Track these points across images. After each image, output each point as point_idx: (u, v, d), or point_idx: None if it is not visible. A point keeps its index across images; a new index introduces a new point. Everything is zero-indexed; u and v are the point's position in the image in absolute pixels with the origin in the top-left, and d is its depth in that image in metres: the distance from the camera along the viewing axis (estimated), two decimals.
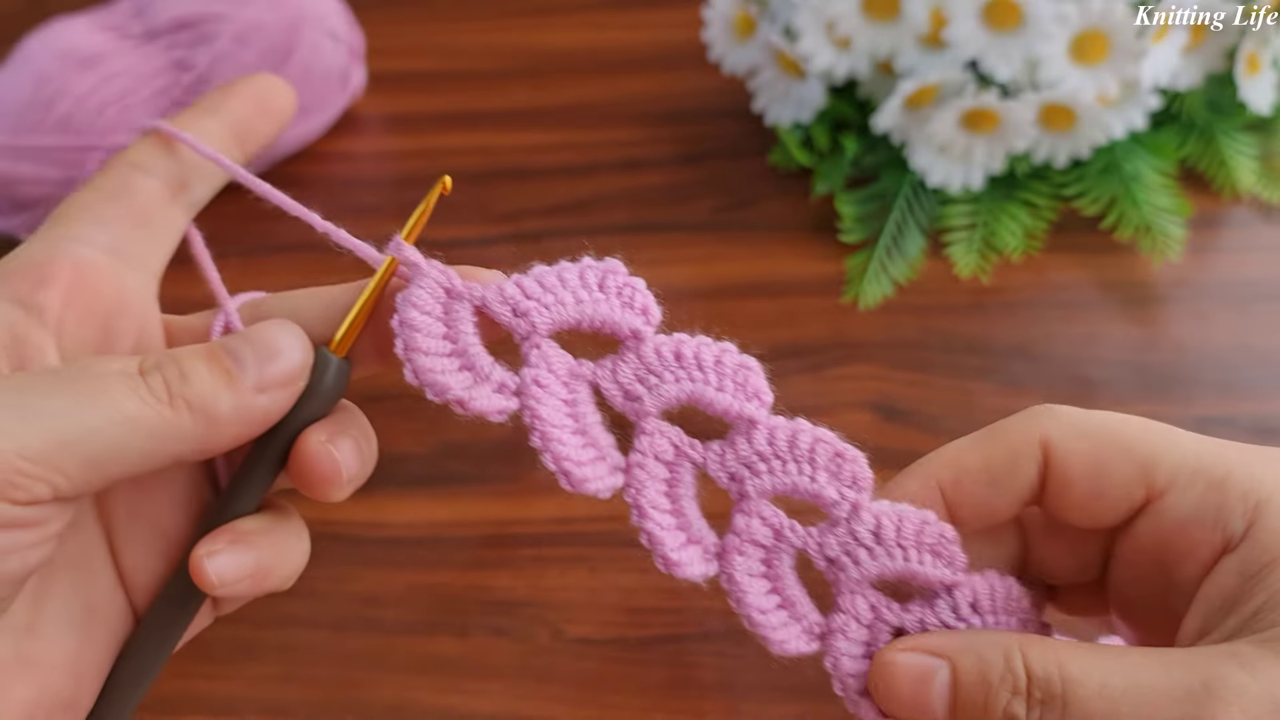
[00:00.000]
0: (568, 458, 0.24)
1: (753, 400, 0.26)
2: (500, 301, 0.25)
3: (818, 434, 0.26)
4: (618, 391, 0.25)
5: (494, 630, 0.41)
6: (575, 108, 0.61)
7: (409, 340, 0.24)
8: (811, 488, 0.25)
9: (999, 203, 0.52)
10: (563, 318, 0.25)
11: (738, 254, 0.53)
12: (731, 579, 0.25)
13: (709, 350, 0.26)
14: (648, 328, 0.26)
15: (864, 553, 0.25)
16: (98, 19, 0.57)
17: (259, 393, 0.22)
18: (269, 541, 0.24)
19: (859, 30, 0.50)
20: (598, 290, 0.26)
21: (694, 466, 0.26)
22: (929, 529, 0.25)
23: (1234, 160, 0.52)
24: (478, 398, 0.24)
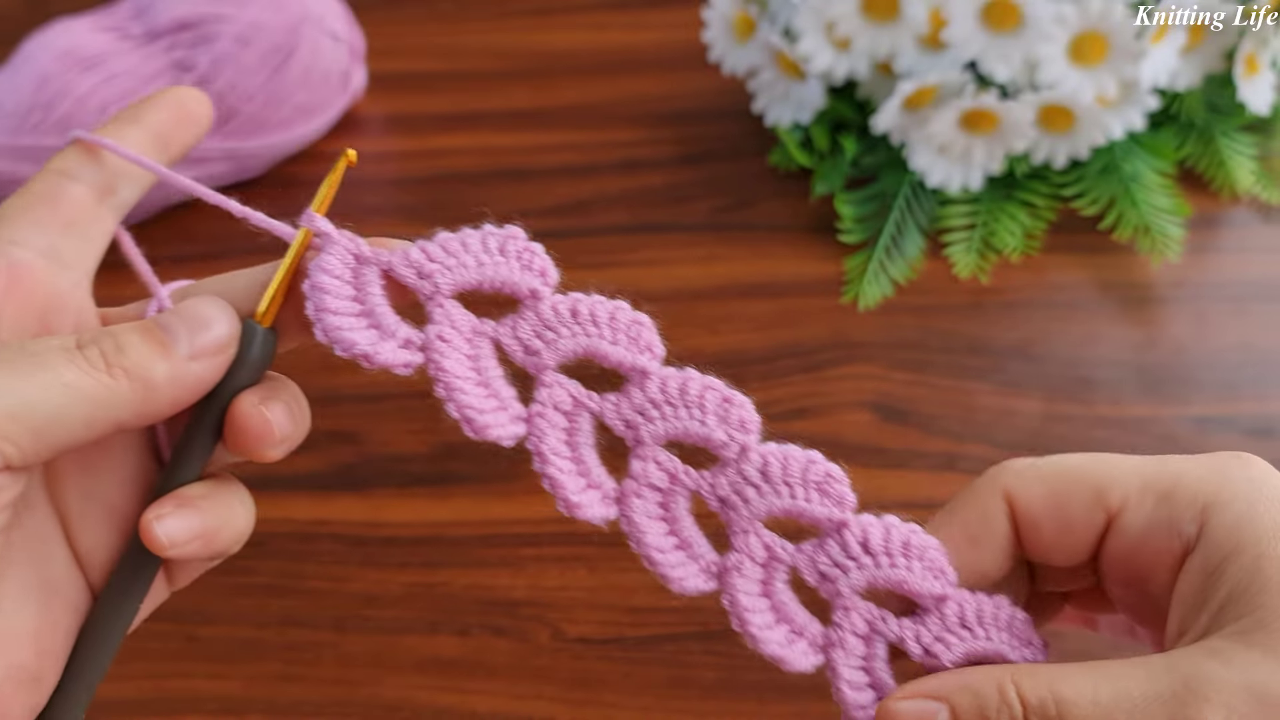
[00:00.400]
0: (469, 405, 0.26)
1: (645, 352, 0.27)
2: (405, 265, 0.26)
3: (706, 381, 0.27)
4: (518, 347, 0.27)
5: (493, 630, 0.41)
6: (575, 108, 0.61)
7: (318, 301, 0.25)
8: (701, 431, 0.27)
9: (998, 203, 0.52)
10: (464, 279, 0.27)
11: (738, 254, 0.53)
12: (630, 520, 0.27)
13: (603, 307, 0.28)
14: (545, 288, 0.28)
15: (752, 491, 0.27)
16: (99, 20, 0.57)
17: (192, 360, 0.24)
18: (213, 504, 0.26)
19: (858, 31, 0.50)
20: (498, 254, 0.27)
21: (592, 416, 0.27)
22: (815, 467, 0.27)
23: (1232, 161, 0.52)
24: (383, 351, 0.26)
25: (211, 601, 0.43)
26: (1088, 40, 0.48)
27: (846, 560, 0.27)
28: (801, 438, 0.46)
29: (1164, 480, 0.25)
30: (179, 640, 0.42)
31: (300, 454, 0.48)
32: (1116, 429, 0.45)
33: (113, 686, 0.41)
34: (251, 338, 0.25)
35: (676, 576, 0.27)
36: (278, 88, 0.56)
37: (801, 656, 0.27)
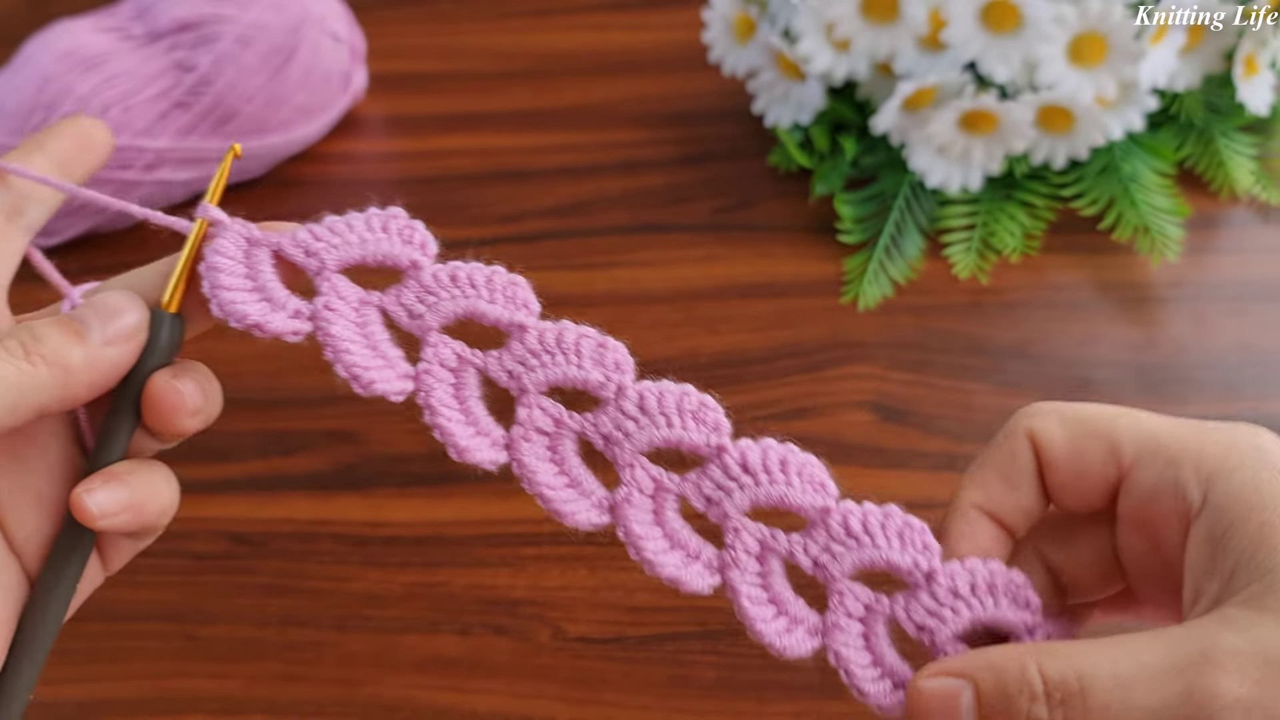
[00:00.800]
0: (356, 364, 0.28)
1: (521, 309, 0.29)
2: (294, 245, 0.28)
3: (581, 330, 0.29)
4: (402, 312, 0.29)
5: (494, 629, 0.41)
6: (576, 109, 0.61)
7: (212, 280, 0.28)
8: (579, 375, 0.29)
9: (997, 203, 0.52)
10: (349, 255, 0.29)
11: (738, 254, 0.53)
12: (521, 463, 0.28)
13: (480, 272, 0.30)
14: (425, 258, 0.29)
15: (632, 425, 0.28)
16: (100, 20, 0.57)
17: (106, 346, 0.26)
18: (139, 479, 0.27)
19: (858, 32, 0.51)
20: (380, 231, 0.29)
21: (477, 371, 0.29)
22: (688, 398, 0.29)
23: (1232, 161, 0.53)
24: (273, 321, 0.28)
25: (212, 601, 0.43)
26: (1087, 41, 0.49)
27: (728, 482, 0.28)
28: (801, 438, 0.46)
29: (1174, 444, 0.26)
30: (180, 640, 0.42)
31: (301, 454, 0.48)
32: None
33: (114, 686, 0.41)
34: (160, 323, 0.28)
35: (569, 511, 0.28)
36: (278, 88, 0.57)
37: (698, 577, 0.28)
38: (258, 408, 0.49)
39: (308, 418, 0.48)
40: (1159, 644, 0.23)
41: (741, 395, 0.47)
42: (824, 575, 0.28)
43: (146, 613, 0.43)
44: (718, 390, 0.49)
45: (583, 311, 0.52)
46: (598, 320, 0.52)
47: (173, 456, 0.48)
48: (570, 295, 0.52)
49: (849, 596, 0.28)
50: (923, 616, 0.27)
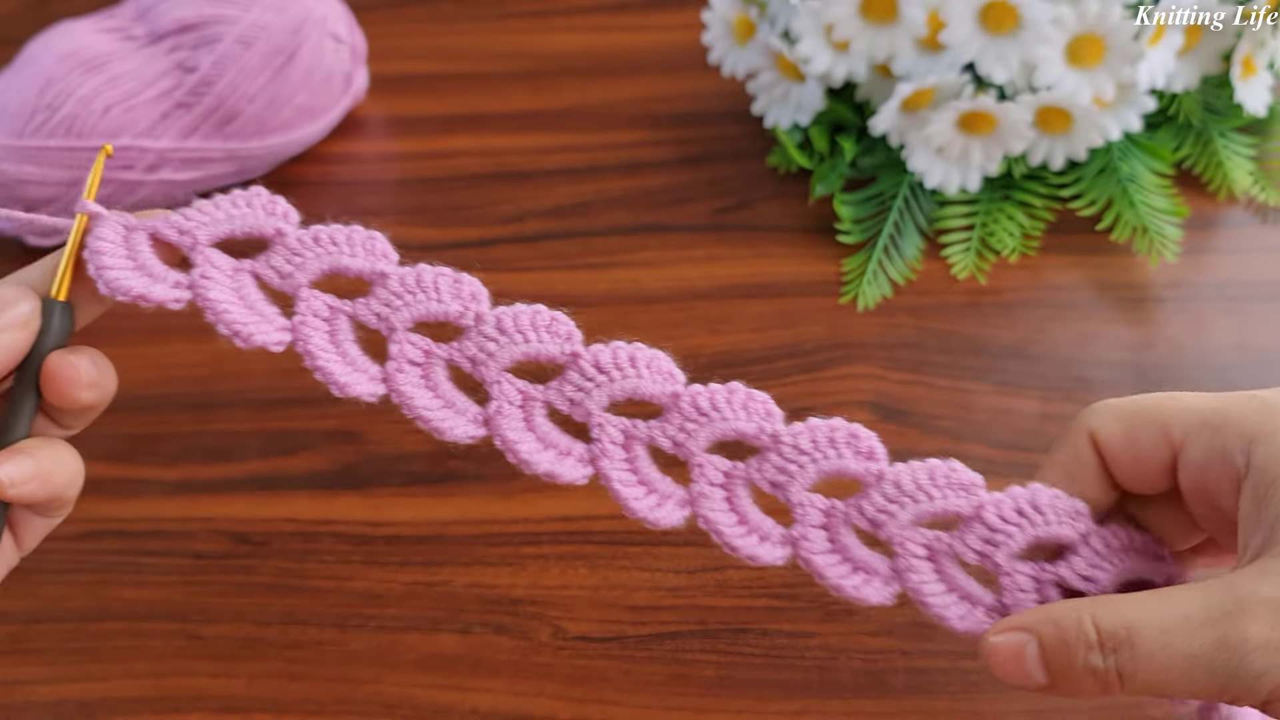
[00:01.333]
0: (235, 320, 0.31)
1: (381, 259, 0.32)
2: (167, 226, 0.31)
3: (437, 270, 0.32)
4: (273, 273, 0.32)
5: (495, 628, 0.41)
6: (576, 110, 0.61)
7: (96, 262, 0.30)
8: (440, 308, 0.32)
9: (996, 204, 0.53)
10: (218, 230, 0.32)
11: (737, 255, 0.53)
12: (398, 392, 0.31)
13: (340, 231, 0.32)
14: (289, 226, 0.32)
15: (493, 345, 0.31)
16: (101, 21, 0.57)
17: (1, 332, 0.29)
18: (45, 453, 0.30)
19: (857, 33, 0.51)
20: (245, 206, 0.32)
21: (348, 317, 0.32)
22: (540, 315, 0.32)
23: (1230, 162, 0.53)
24: (155, 291, 0.30)
25: (214, 600, 0.43)
26: (1085, 42, 0.49)
27: (586, 383, 0.31)
28: None
29: (1217, 416, 0.29)
30: (181, 639, 0.42)
31: (302, 453, 0.48)
32: None
33: (116, 685, 0.41)
34: (51, 311, 0.30)
35: (448, 428, 0.31)
36: (280, 89, 0.57)
37: (572, 469, 0.31)
38: (259, 407, 0.49)
39: (309, 417, 0.48)
40: (1200, 595, 0.26)
41: None
42: (684, 452, 0.31)
43: (148, 612, 0.43)
44: None
45: (583, 311, 0.53)
46: (598, 320, 0.52)
47: (175, 457, 0.48)
48: (571, 295, 0.52)
49: (708, 467, 0.31)
50: (774, 475, 0.31)
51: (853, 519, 0.31)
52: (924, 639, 0.40)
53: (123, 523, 0.46)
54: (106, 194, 0.55)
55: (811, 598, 0.41)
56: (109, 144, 0.33)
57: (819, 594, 0.41)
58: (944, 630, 0.40)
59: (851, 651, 0.40)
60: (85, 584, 0.44)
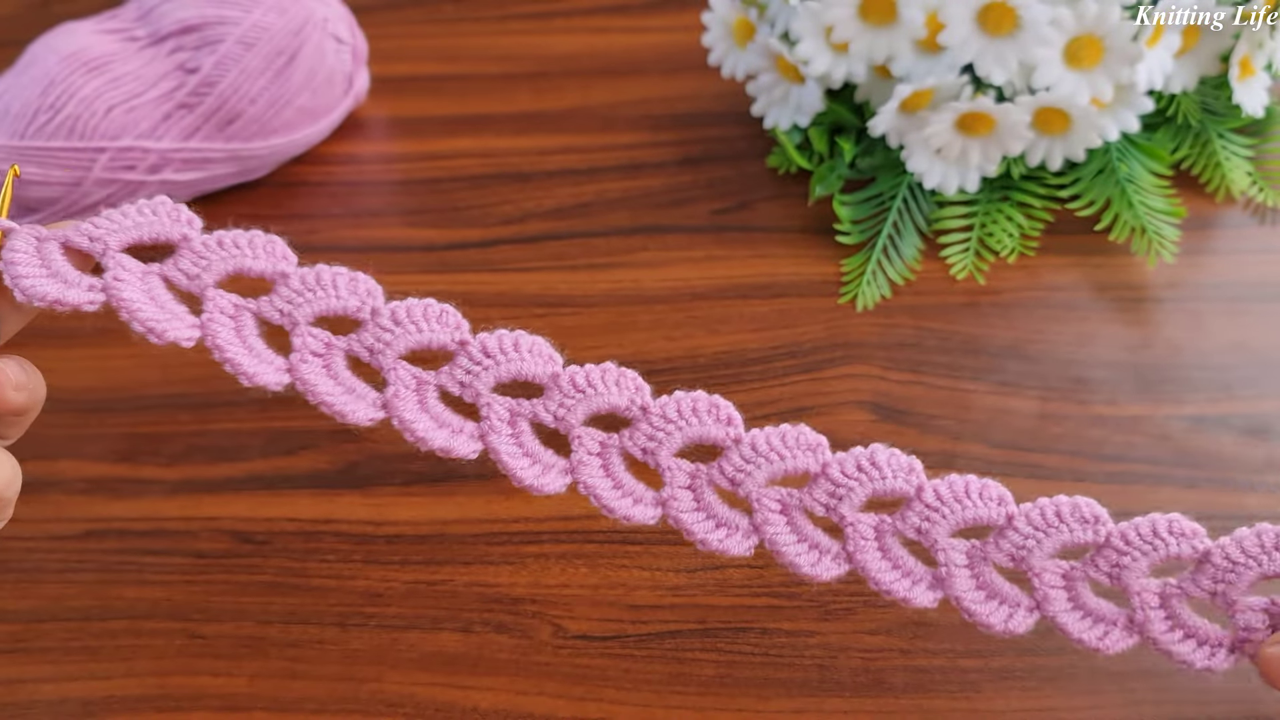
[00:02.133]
0: (149, 318, 0.32)
1: (282, 260, 0.34)
2: (78, 234, 0.33)
3: (335, 270, 0.34)
4: (180, 275, 0.34)
5: (495, 627, 0.42)
6: (577, 111, 0.62)
7: (10, 273, 0.31)
8: (339, 304, 0.34)
9: (995, 205, 0.53)
10: (127, 236, 0.33)
11: (737, 255, 0.53)
12: (302, 380, 0.33)
13: (242, 236, 0.34)
14: (193, 231, 0.34)
15: (389, 335, 0.34)
16: (103, 22, 0.58)
17: None
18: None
19: (856, 34, 0.51)
20: (151, 214, 0.34)
21: (252, 315, 0.34)
22: (430, 308, 0.34)
23: (1228, 162, 0.53)
24: (69, 295, 0.32)
25: (216, 599, 0.43)
26: (1083, 43, 0.49)
27: (475, 367, 0.34)
28: None
29: None
30: (183, 638, 0.43)
31: (304, 453, 0.48)
32: (1112, 428, 0.45)
33: (118, 684, 0.41)
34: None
35: (349, 411, 0.33)
36: (281, 90, 0.57)
37: (464, 444, 0.33)
38: (260, 407, 0.49)
39: (310, 417, 0.48)
40: None
41: (741, 395, 0.48)
42: (564, 426, 0.34)
43: (150, 611, 0.43)
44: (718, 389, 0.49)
45: (584, 312, 0.53)
46: (599, 321, 0.53)
47: (176, 456, 0.48)
48: (571, 296, 0.52)
49: (586, 439, 0.34)
50: (644, 442, 0.34)
51: (715, 480, 0.34)
52: (923, 638, 0.40)
53: (125, 522, 0.46)
54: (110, 194, 0.56)
55: (811, 597, 0.41)
56: (16, 165, 0.35)
57: (819, 593, 0.41)
58: (942, 629, 0.40)
59: (851, 650, 0.40)
60: (87, 583, 0.45)
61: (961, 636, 0.40)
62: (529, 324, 0.51)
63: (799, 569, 0.33)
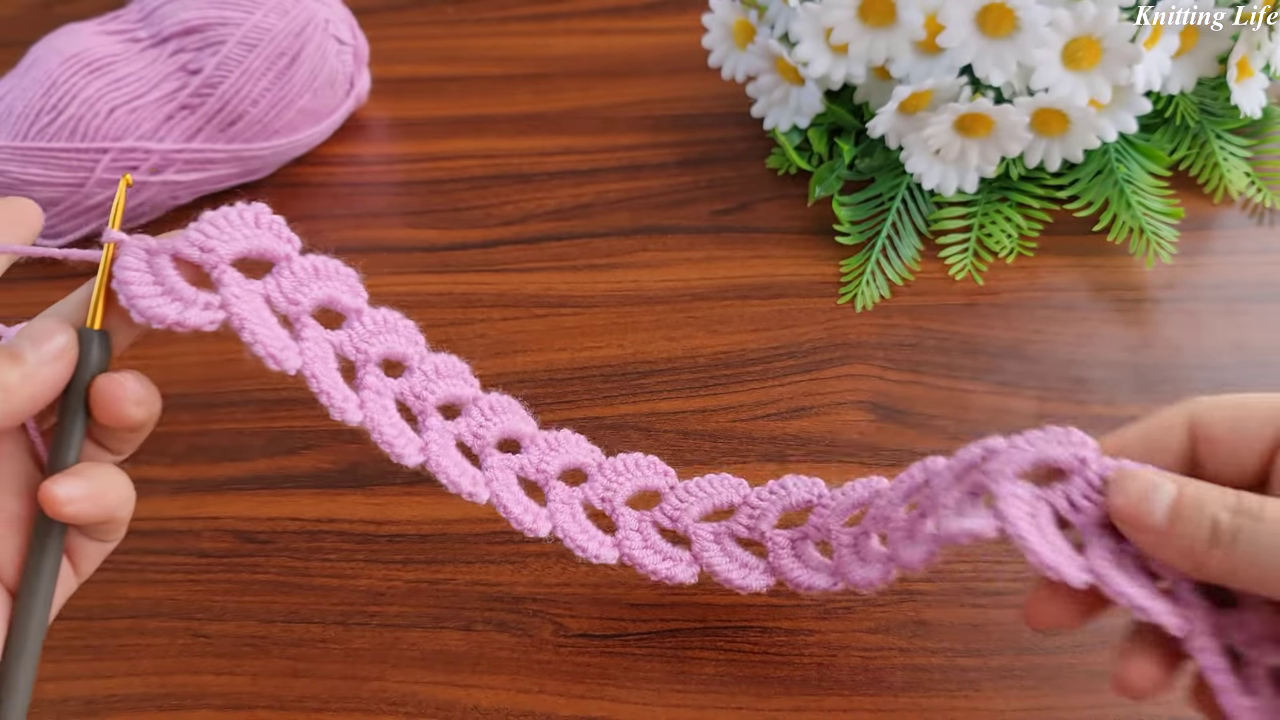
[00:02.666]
0: (270, 343, 0.32)
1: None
2: (189, 246, 0.32)
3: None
4: (281, 298, 0.34)
5: (497, 625, 0.42)
6: (577, 113, 0.62)
7: (126, 292, 0.31)
8: (397, 347, 0.37)
9: (993, 205, 0.53)
10: (236, 249, 0.32)
11: (736, 256, 0.54)
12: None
13: (330, 264, 0.35)
14: (295, 251, 0.34)
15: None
16: (106, 24, 0.58)
17: (40, 366, 0.29)
18: (96, 472, 0.31)
19: (856, 36, 0.51)
20: (255, 227, 0.33)
21: (332, 346, 0.35)
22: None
23: (1226, 163, 0.53)
24: (190, 316, 0.31)
25: (218, 599, 0.44)
26: (1082, 45, 0.49)
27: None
28: (799, 437, 0.47)
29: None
30: (186, 637, 0.43)
31: (306, 453, 0.49)
32: (1111, 428, 0.45)
33: (121, 682, 0.42)
34: (88, 340, 0.31)
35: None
36: (283, 92, 0.57)
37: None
38: (263, 407, 0.50)
39: (313, 417, 0.49)
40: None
41: (741, 395, 0.48)
42: (543, 478, 0.38)
43: (153, 610, 0.44)
44: (718, 389, 0.49)
45: (584, 312, 0.53)
46: (599, 321, 0.53)
47: (179, 456, 0.48)
48: (572, 296, 0.53)
49: (559, 489, 0.39)
50: (602, 493, 0.39)
51: (657, 520, 0.40)
52: (922, 637, 0.40)
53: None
54: (111, 195, 0.56)
55: (810, 596, 0.41)
56: (129, 175, 0.34)
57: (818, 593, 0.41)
58: (941, 629, 0.40)
59: (850, 649, 0.40)
60: (90, 582, 0.44)
61: (960, 636, 0.40)
62: (529, 324, 0.51)
63: (733, 583, 0.39)
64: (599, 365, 0.50)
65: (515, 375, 0.49)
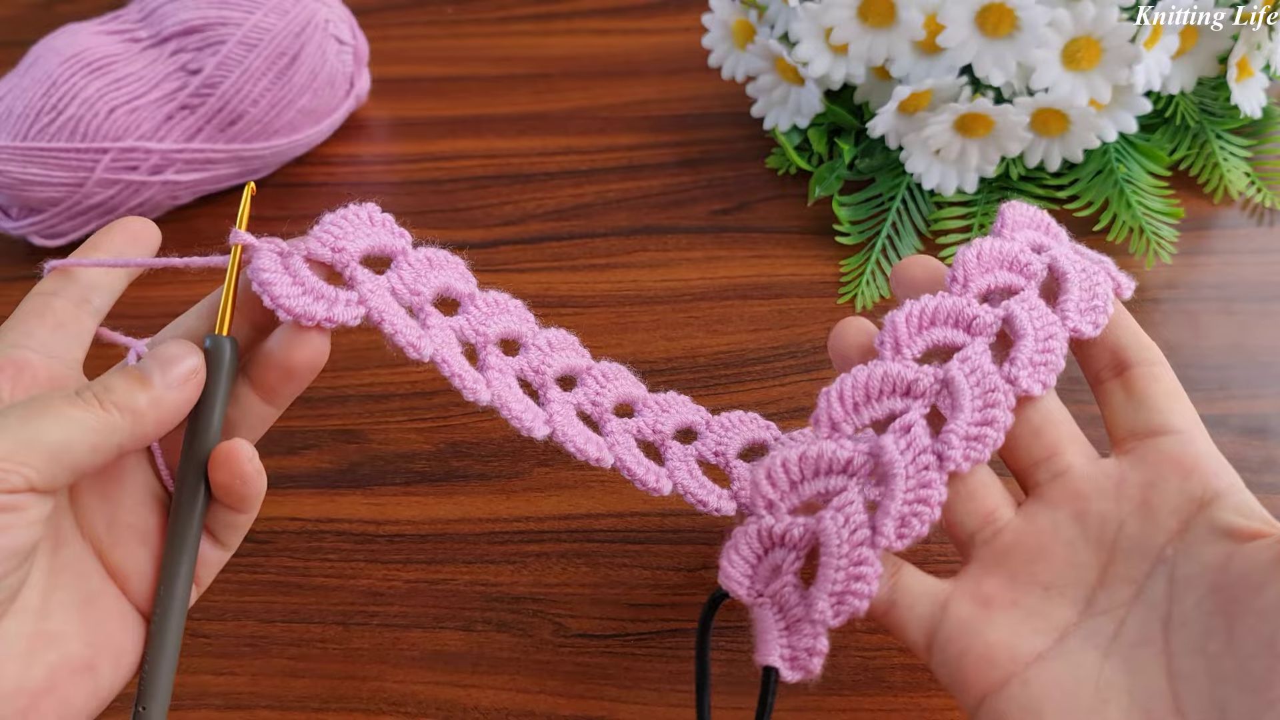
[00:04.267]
0: (406, 332, 0.33)
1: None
2: (321, 246, 0.33)
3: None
4: (404, 290, 0.35)
5: (497, 625, 0.42)
6: (577, 113, 0.62)
7: (271, 292, 0.31)
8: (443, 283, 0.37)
9: (993, 205, 0.53)
10: (361, 246, 0.34)
11: (736, 256, 0.54)
12: (561, 432, 0.37)
13: (439, 254, 0.37)
14: (409, 245, 0.36)
15: (603, 389, 0.39)
16: (106, 24, 0.58)
17: (168, 390, 0.30)
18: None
19: (855, 36, 0.51)
20: (371, 225, 0.35)
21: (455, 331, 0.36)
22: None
23: (1226, 163, 0.53)
24: (337, 312, 0.32)
25: (219, 598, 0.44)
26: (1082, 45, 0.49)
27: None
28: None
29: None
30: (186, 637, 0.42)
31: (307, 453, 0.49)
32: None
33: None
34: (219, 347, 0.32)
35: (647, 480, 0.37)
36: (283, 92, 0.57)
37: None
38: None
39: (313, 417, 0.49)
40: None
41: (741, 394, 0.48)
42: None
43: None
44: (718, 389, 0.49)
45: (584, 312, 0.53)
46: (599, 321, 0.53)
47: None
48: (572, 296, 0.53)
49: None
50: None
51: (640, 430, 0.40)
52: None
53: None
54: (113, 195, 0.56)
55: None
56: (253, 183, 0.35)
57: None
58: None
59: (850, 649, 0.40)
60: None
61: None
62: None
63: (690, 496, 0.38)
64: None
65: None
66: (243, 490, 0.32)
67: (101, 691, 0.30)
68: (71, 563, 0.31)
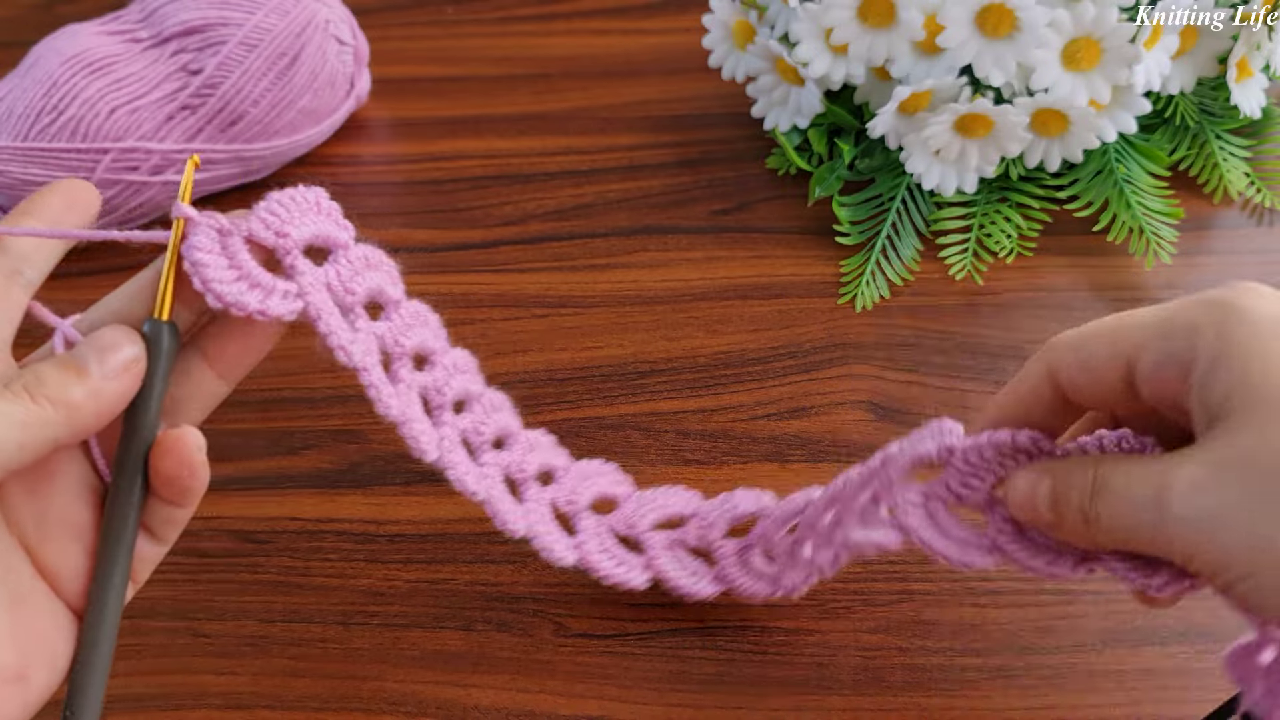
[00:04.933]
0: (340, 333, 0.32)
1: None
2: (264, 229, 0.30)
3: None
4: (340, 287, 0.32)
5: (497, 625, 0.42)
6: (577, 113, 0.62)
7: (202, 274, 0.29)
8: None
9: (993, 205, 0.53)
10: (306, 234, 0.31)
11: (736, 256, 0.54)
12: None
13: (371, 250, 0.34)
14: (350, 239, 0.33)
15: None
16: (107, 24, 0.58)
17: (105, 380, 0.28)
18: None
19: (855, 36, 0.51)
20: (318, 212, 0.32)
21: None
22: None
23: (1225, 164, 0.53)
24: (271, 304, 0.30)
25: (218, 598, 0.44)
26: (1082, 45, 0.49)
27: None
28: (799, 436, 0.47)
29: (1165, 321, 0.29)
30: (186, 637, 0.43)
31: (307, 453, 0.49)
32: None
33: (120, 682, 0.42)
34: (158, 333, 0.29)
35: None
36: (283, 92, 0.57)
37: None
38: (263, 407, 0.50)
39: (313, 417, 0.49)
40: (1154, 469, 0.28)
41: (741, 394, 0.48)
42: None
43: (153, 610, 0.44)
44: (718, 389, 0.49)
45: (584, 312, 0.53)
46: (599, 321, 0.53)
47: None
48: (572, 296, 0.53)
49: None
50: (569, 496, 0.40)
51: (614, 527, 0.41)
52: (921, 636, 0.40)
53: None
54: (113, 195, 0.56)
55: (809, 595, 0.41)
56: (196, 156, 0.32)
57: (817, 592, 0.41)
58: (941, 628, 0.40)
59: (849, 648, 0.40)
60: None
61: (960, 635, 0.40)
62: (530, 324, 0.51)
63: (683, 589, 0.39)
64: (599, 365, 0.50)
65: (515, 375, 0.50)
66: (188, 481, 0.30)
67: (32, 699, 0.28)
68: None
